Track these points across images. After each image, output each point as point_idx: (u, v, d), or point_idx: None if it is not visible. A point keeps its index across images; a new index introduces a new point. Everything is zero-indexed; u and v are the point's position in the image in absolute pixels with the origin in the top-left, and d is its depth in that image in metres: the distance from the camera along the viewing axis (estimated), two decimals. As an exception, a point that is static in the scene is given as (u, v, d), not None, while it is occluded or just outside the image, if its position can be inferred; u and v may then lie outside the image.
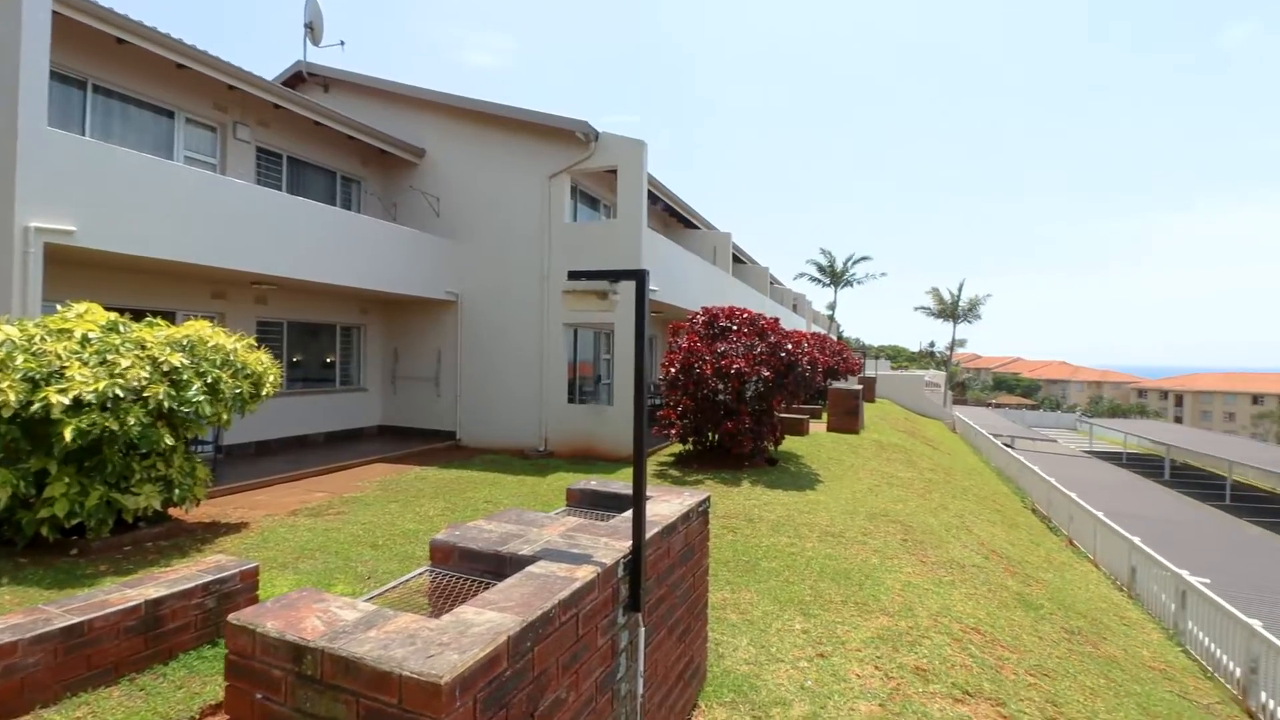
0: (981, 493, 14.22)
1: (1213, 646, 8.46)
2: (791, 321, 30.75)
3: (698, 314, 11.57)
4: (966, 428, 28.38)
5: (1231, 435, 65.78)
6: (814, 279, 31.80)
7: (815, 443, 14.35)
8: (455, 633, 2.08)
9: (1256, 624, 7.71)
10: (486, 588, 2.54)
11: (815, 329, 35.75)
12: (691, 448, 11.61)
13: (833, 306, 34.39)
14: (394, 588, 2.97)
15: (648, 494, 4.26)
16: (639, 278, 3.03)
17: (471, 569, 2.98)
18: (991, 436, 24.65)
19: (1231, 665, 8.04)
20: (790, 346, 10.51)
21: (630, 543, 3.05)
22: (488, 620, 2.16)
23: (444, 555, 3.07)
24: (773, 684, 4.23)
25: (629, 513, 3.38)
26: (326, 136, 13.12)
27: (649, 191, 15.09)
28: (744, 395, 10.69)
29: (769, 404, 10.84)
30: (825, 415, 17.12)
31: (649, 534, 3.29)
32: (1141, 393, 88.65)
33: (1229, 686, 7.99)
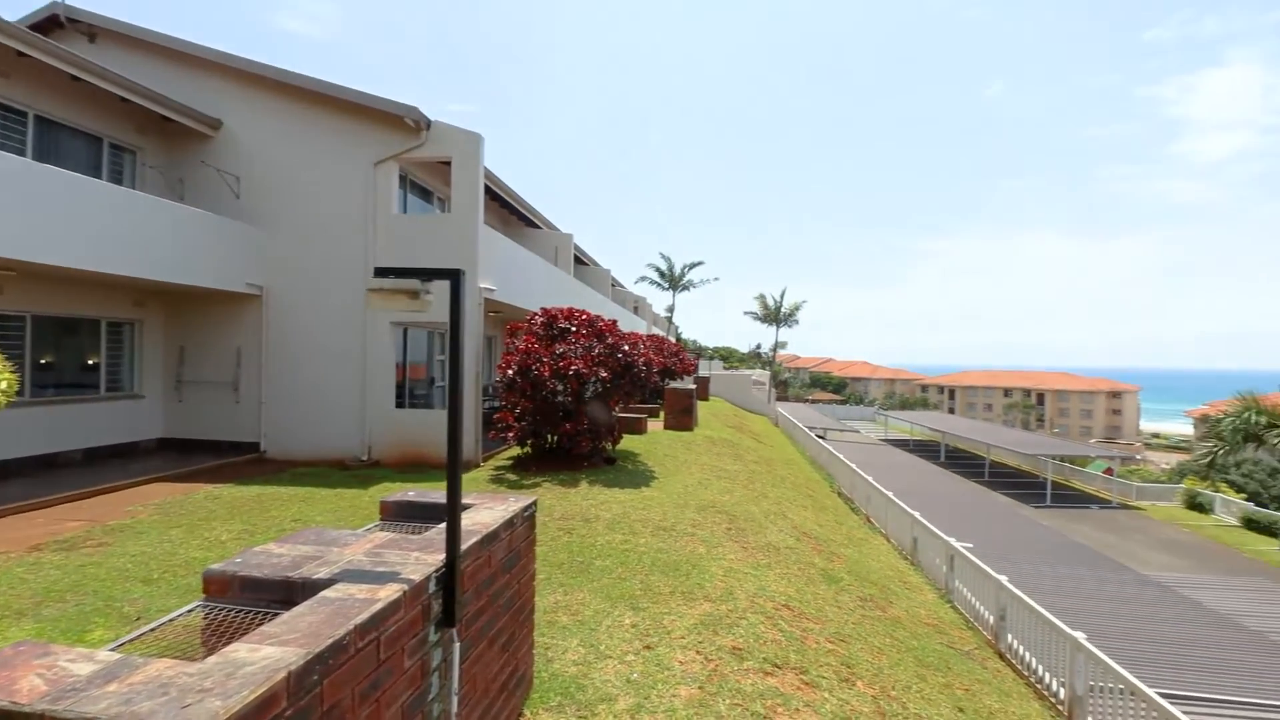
0: (797, 480, 15.66)
1: (974, 600, 10.06)
2: (633, 323, 31.64)
3: (536, 315, 11.42)
4: (787, 422, 31.17)
5: (989, 423, 79.33)
6: (654, 282, 33.06)
7: (653, 441, 14.85)
8: (221, 675, 1.80)
9: (1003, 579, 9.29)
10: (273, 619, 2.25)
11: (655, 331, 37.12)
12: (530, 450, 11.43)
13: (671, 309, 35.99)
14: (154, 629, 2.54)
15: (470, 501, 4.09)
16: (453, 277, 2.88)
17: (256, 600, 2.63)
18: (806, 429, 27.31)
19: (987, 614, 9.62)
20: (627, 348, 10.76)
21: (444, 556, 2.89)
22: (264, 657, 1.91)
23: (221, 587, 2.68)
24: (600, 681, 4.27)
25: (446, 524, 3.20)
26: (90, 95, 11.02)
27: (488, 187, 14.65)
28: (583, 396, 10.75)
29: (607, 404, 11.01)
30: (663, 414, 17.81)
31: (467, 544, 3.15)
32: (925, 388, 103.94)
33: (985, 633, 9.56)
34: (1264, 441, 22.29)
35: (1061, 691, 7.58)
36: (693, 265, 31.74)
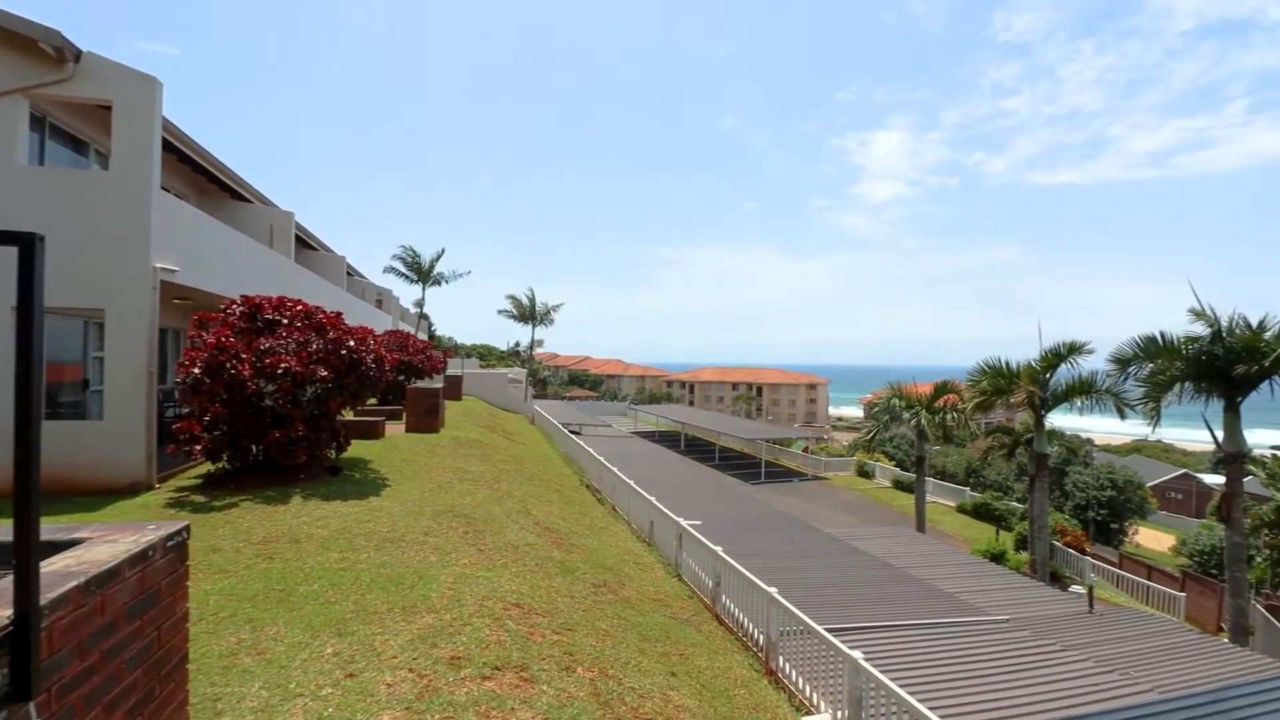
0: (547, 477, 15.82)
1: (698, 571, 11.14)
2: (374, 318, 28.98)
3: (235, 303, 9.68)
4: (543, 419, 31.49)
5: (720, 413, 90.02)
6: (401, 274, 30.64)
7: (390, 445, 13.70)
8: None
9: (719, 549, 10.43)
10: None
11: (404, 326, 34.53)
12: (229, 465, 9.65)
13: (421, 304, 33.86)
14: None
15: (85, 535, 3.19)
16: (23, 243, 2.16)
17: None
18: (561, 425, 27.88)
19: (708, 582, 10.72)
20: (353, 343, 9.69)
21: (12, 611, 2.15)
22: None
23: None
24: (282, 727, 3.67)
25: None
26: None
27: (176, 147, 12.09)
28: (299, 399, 9.40)
29: (328, 407, 9.80)
30: (405, 416, 16.56)
31: (63, 589, 2.40)
32: (670, 384, 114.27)
33: (705, 599, 10.63)
34: (904, 420, 28.88)
35: (761, 639, 8.76)
36: (439, 256, 30.17)
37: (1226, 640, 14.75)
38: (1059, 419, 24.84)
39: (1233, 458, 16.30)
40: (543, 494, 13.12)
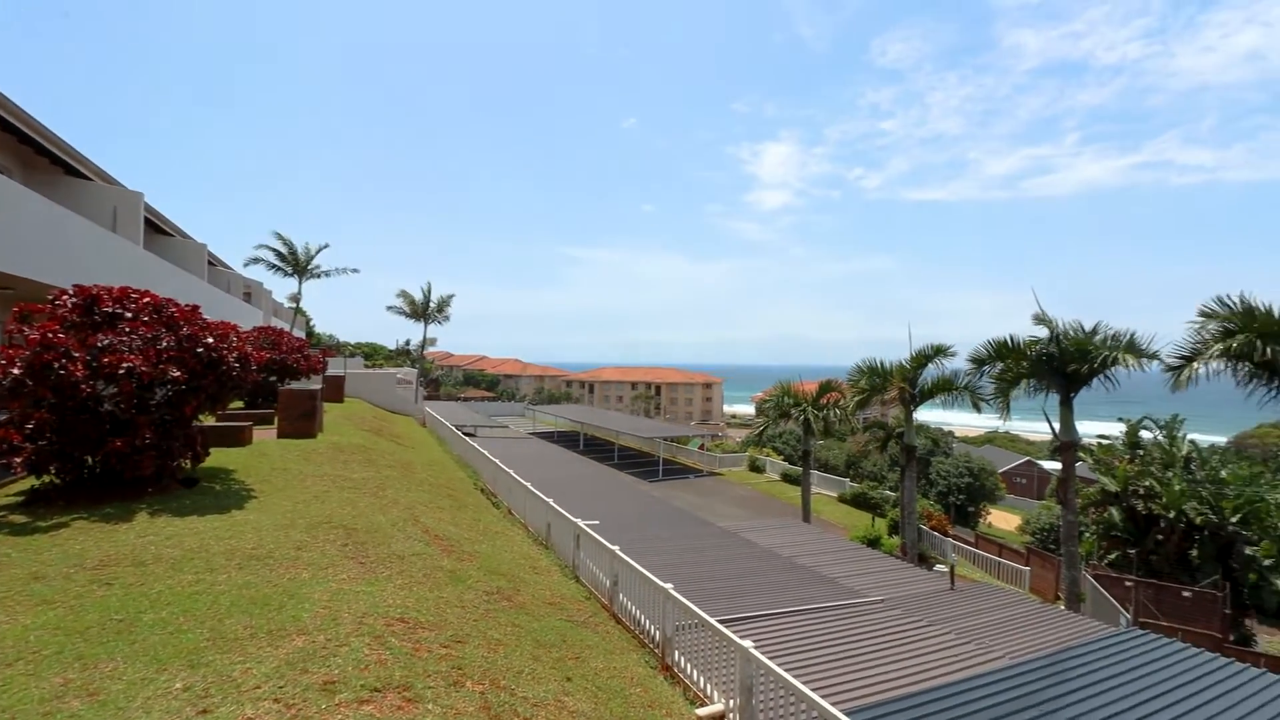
0: (438, 482, 15.14)
1: (596, 571, 11.06)
2: (243, 313, 26.52)
3: (66, 294, 8.44)
4: (435, 421, 30.18)
5: (620, 412, 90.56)
6: (273, 266, 28.15)
7: (258, 453, 12.53)
8: None
9: (616, 548, 10.41)
10: None
11: (277, 322, 31.85)
12: (57, 480, 8.39)
13: (297, 299, 31.30)
14: None
15: None
16: None
17: None
18: (454, 428, 26.85)
19: (606, 581, 10.67)
20: (213, 340, 8.75)
21: None
22: None
23: None
24: (112, 782, 3.19)
25: None
26: None
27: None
28: (146, 403, 8.33)
29: (182, 412, 8.78)
30: (276, 420, 15.22)
31: None
32: (569, 383, 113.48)
33: (602, 599, 10.57)
34: (791, 416, 30.37)
35: (658, 636, 8.83)
36: (320, 249, 28.07)
37: (1063, 608, 16.74)
38: (926, 414, 27.16)
39: (1067, 446, 18.52)
40: (433, 500, 12.52)
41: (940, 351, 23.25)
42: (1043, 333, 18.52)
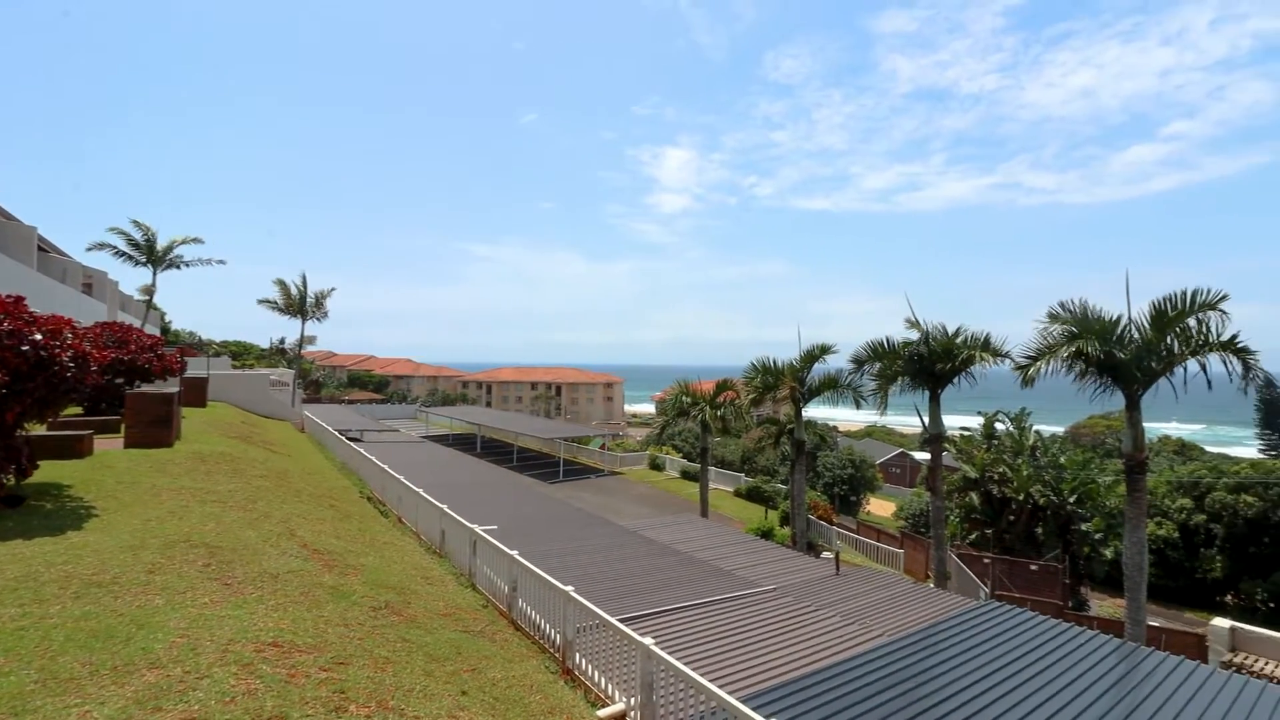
0: (318, 491, 14.07)
1: (494, 578, 10.71)
2: (81, 306, 23.38)
3: None
4: (315, 426, 28.11)
5: (519, 413, 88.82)
6: (122, 254, 24.93)
7: (101, 465, 11.05)
8: None
9: (515, 553, 10.14)
10: None
11: (125, 317, 28.37)
12: None
13: (150, 291, 27.94)
14: None
15: None
16: None
17: None
18: (337, 432, 25.13)
19: (504, 588, 10.36)
20: (41, 337, 7.60)
21: None
22: None
23: None
24: None
25: None
26: None
27: None
28: (-50, 409, 7.07)
29: (3, 419, 7.55)
30: (124, 427, 13.50)
31: None
32: (465, 384, 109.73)
33: (501, 606, 10.26)
34: (690, 415, 31.09)
35: (558, 639, 8.68)
36: (185, 240, 25.26)
37: (932, 585, 18.26)
38: (814, 410, 28.78)
39: (935, 438, 20.25)
40: (312, 511, 11.61)
41: (826, 351, 24.67)
42: (915, 335, 20.15)
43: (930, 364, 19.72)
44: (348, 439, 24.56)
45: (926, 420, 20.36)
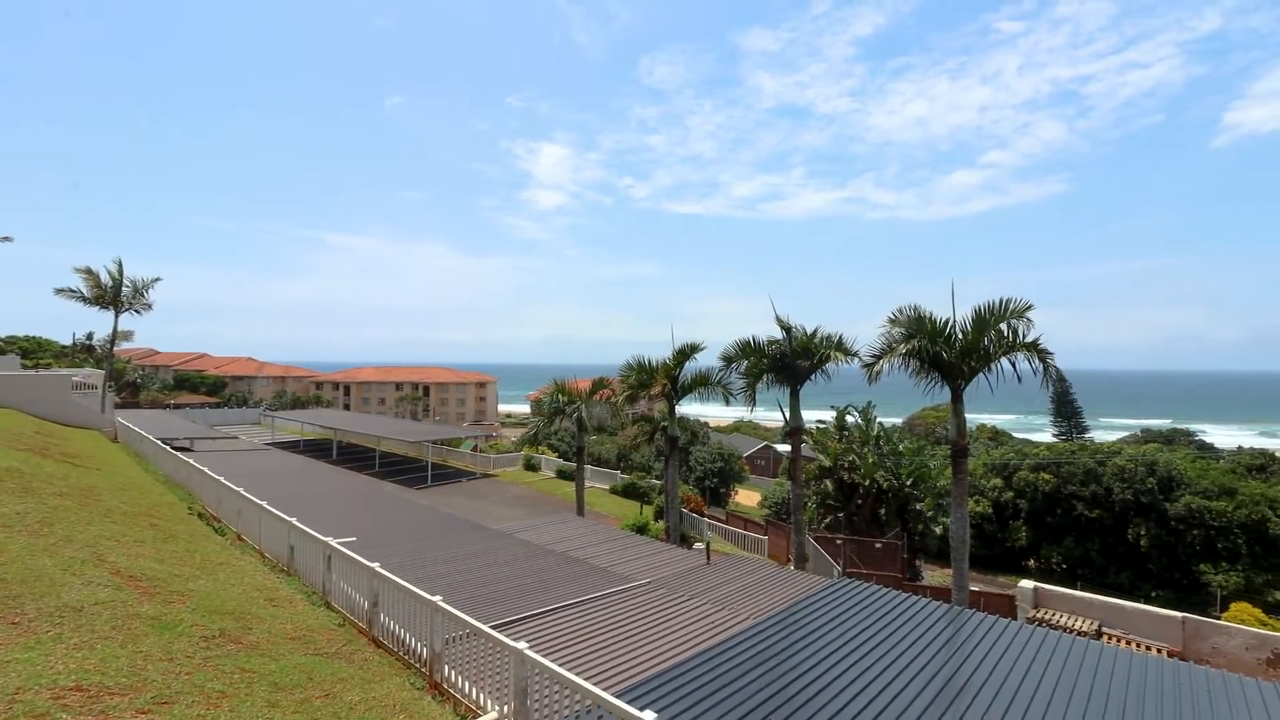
0: (135, 509, 12.24)
1: (353, 593, 9.89)
2: None
3: None
4: (133, 435, 24.50)
5: (382, 415, 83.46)
6: None
7: None
8: None
9: (376, 565, 9.43)
10: None
11: None
12: None
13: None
14: None
15: None
16: None
17: None
18: (160, 441, 22.07)
19: (364, 603, 9.60)
20: None
21: None
22: None
23: None
24: None
25: None
26: None
27: None
28: None
29: None
30: None
31: None
32: (319, 385, 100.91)
33: (360, 623, 9.50)
34: (566, 414, 30.87)
35: (425, 653, 8.19)
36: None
37: (793, 568, 19.53)
38: (686, 407, 29.74)
39: (795, 431, 21.69)
40: (127, 533, 10.06)
41: (696, 350, 25.56)
42: (779, 335, 21.46)
43: (792, 362, 21.09)
44: (174, 448, 21.65)
45: (788, 414, 21.75)
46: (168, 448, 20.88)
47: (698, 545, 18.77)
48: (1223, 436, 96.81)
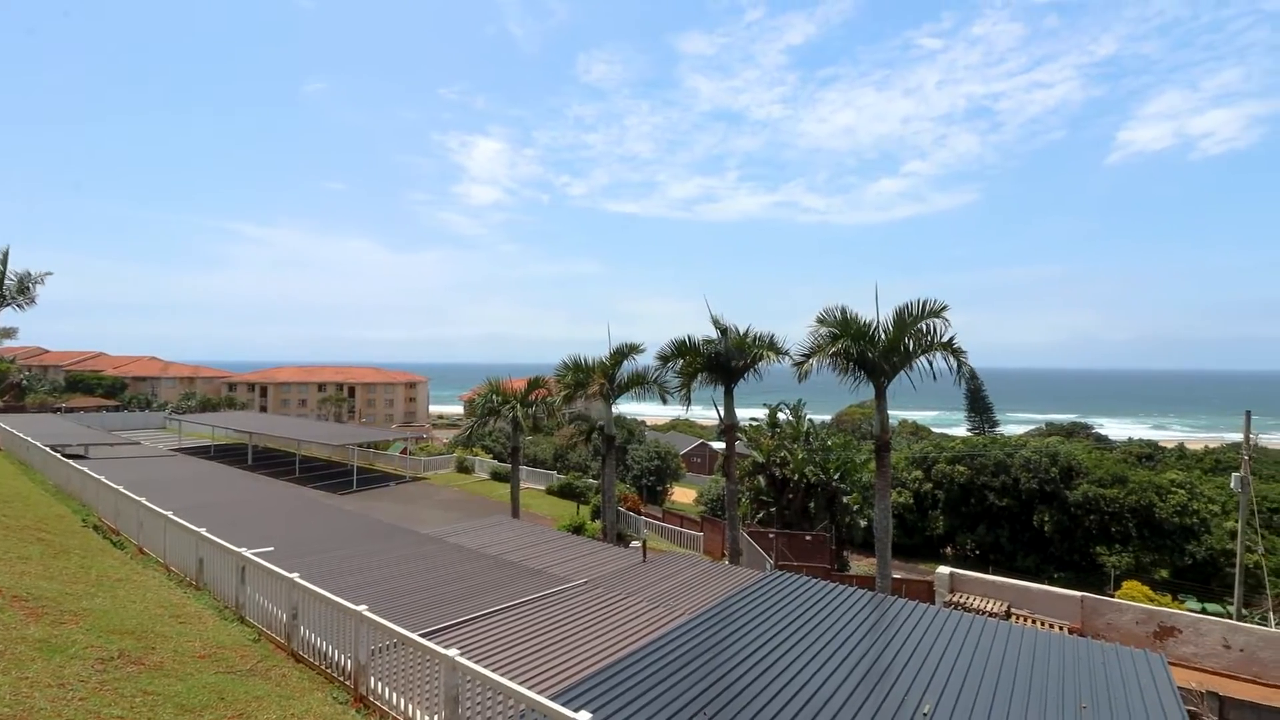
0: (19, 524, 11.14)
1: (270, 606, 9.35)
2: None
3: None
4: (16, 442, 22.31)
5: (303, 418, 79.51)
6: None
7: None
8: None
9: (295, 576, 8.93)
10: None
11: None
12: None
13: None
14: None
15: None
16: None
17: None
18: (49, 448, 20.20)
19: (283, 616, 9.08)
20: None
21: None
22: None
23: None
24: None
25: None
26: None
27: None
28: None
29: None
30: None
31: None
32: (232, 386, 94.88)
33: (278, 638, 8.98)
34: (501, 414, 30.31)
35: (350, 665, 7.83)
36: None
37: (728, 563, 19.92)
38: (623, 406, 29.78)
39: (729, 428, 22.10)
40: (11, 549, 9.15)
41: (634, 349, 25.63)
42: (714, 334, 21.80)
43: (726, 361, 21.47)
44: (66, 456, 19.86)
45: (722, 412, 22.14)
46: (59, 455, 19.13)
47: (634, 544, 18.86)
48: (1117, 429, 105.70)
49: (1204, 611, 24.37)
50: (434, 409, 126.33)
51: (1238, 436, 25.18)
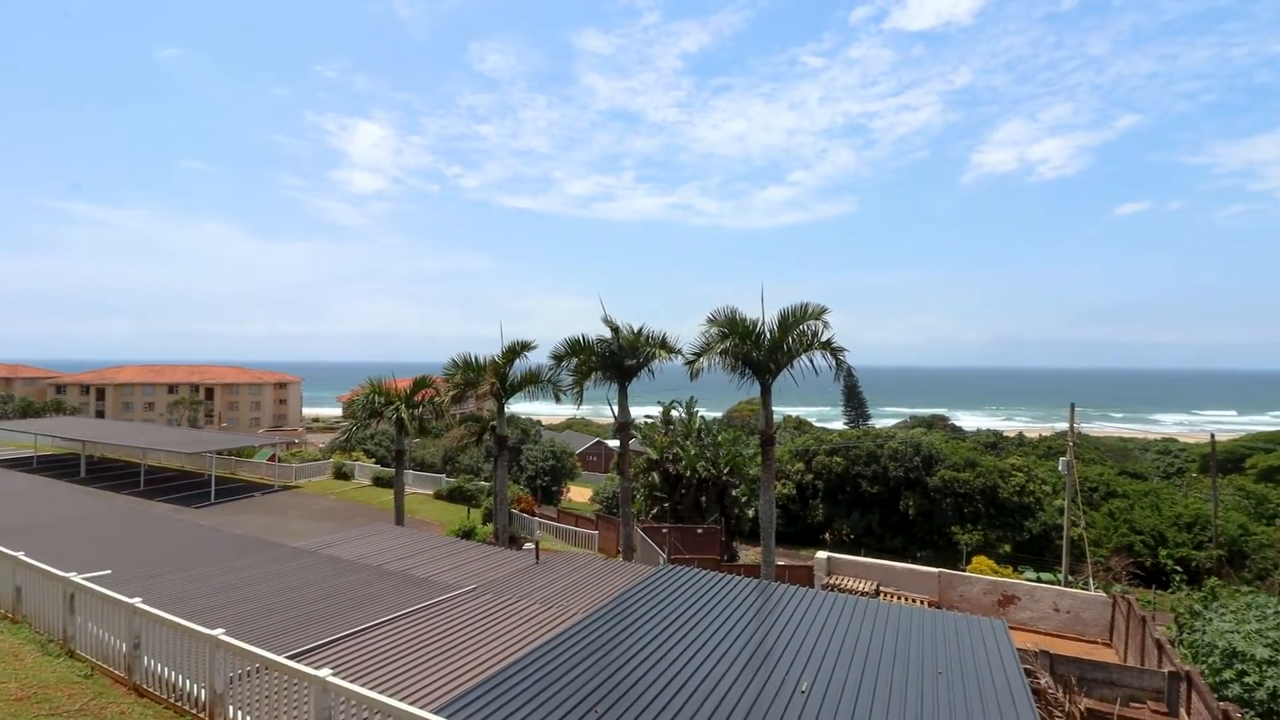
0: None
1: (107, 636, 8.24)
2: None
3: None
4: None
5: (150, 423, 71.06)
6: None
7: None
8: None
9: (137, 601, 7.93)
10: None
11: None
12: None
13: None
14: None
15: None
16: None
17: None
18: None
19: (122, 646, 8.02)
20: None
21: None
22: None
23: None
24: None
25: None
26: None
27: None
28: None
29: None
30: None
31: None
32: (61, 388, 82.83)
33: (116, 671, 7.93)
34: (384, 415, 28.67)
35: (204, 695, 7.06)
36: None
37: (622, 560, 20.04)
38: (517, 405, 29.19)
39: (623, 426, 22.25)
40: None
41: (527, 347, 25.17)
42: (608, 333, 21.85)
43: (620, 359, 21.60)
44: None
45: (617, 411, 22.26)
46: None
47: (527, 545, 18.52)
48: (970, 420, 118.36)
49: (1039, 580, 27.72)
50: (309, 411, 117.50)
51: (1066, 425, 28.89)
